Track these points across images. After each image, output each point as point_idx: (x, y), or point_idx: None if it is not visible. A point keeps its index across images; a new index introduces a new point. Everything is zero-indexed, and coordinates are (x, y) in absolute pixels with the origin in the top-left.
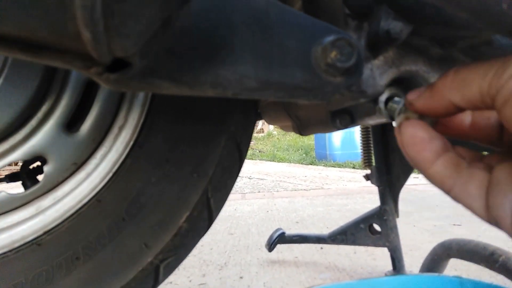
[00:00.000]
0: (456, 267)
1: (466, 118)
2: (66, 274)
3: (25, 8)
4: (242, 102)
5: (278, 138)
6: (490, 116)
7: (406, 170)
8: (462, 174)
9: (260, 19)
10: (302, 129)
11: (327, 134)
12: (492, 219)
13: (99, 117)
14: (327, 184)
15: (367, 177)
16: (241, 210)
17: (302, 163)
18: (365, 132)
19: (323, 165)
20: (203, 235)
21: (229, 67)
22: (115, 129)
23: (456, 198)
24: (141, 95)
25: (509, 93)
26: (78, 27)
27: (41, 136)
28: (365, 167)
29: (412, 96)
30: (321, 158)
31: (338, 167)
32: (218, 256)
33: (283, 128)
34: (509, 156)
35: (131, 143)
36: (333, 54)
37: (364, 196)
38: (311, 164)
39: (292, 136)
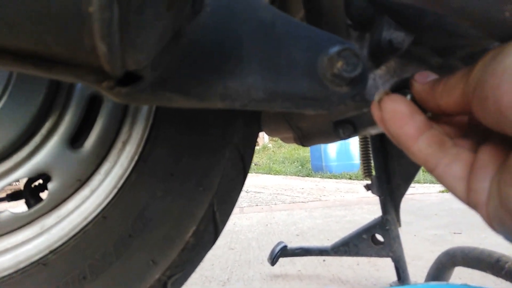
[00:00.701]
0: (459, 275)
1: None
2: None
3: (42, 23)
4: (245, 113)
5: (273, 151)
6: None
7: (407, 178)
8: (446, 153)
9: (267, 31)
10: (304, 140)
11: (322, 146)
12: (472, 203)
13: (103, 132)
14: (324, 195)
15: (367, 187)
16: (240, 224)
17: (298, 175)
18: (364, 142)
19: (320, 177)
20: (209, 249)
21: (238, 79)
22: (119, 144)
23: (439, 178)
24: (144, 110)
25: (474, 84)
26: (94, 40)
27: (45, 153)
28: (365, 177)
29: (420, 78)
30: (317, 169)
31: (335, 178)
32: (220, 272)
33: (283, 139)
34: (494, 134)
35: (136, 157)
36: (339, 64)
37: (363, 207)
38: (307, 176)
39: (287, 149)
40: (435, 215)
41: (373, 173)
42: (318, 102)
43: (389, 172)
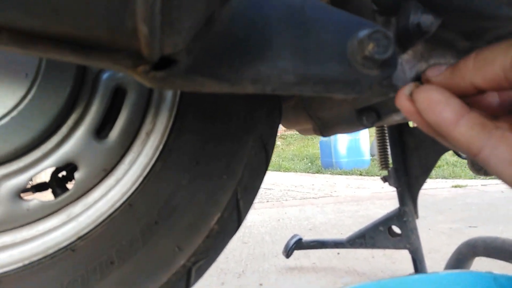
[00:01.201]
0: (477, 267)
1: (493, 99)
2: (100, 278)
3: (86, 5)
4: (268, 103)
5: (282, 148)
6: None
7: (425, 170)
8: (491, 135)
9: (296, 15)
10: (324, 130)
11: (332, 142)
12: None
13: (127, 123)
14: (335, 191)
15: (384, 179)
16: (252, 219)
17: (308, 172)
18: (380, 133)
19: (330, 173)
20: (232, 236)
21: (268, 63)
22: (142, 135)
23: (484, 162)
24: (168, 100)
25: None
26: (136, 23)
27: (72, 143)
28: (382, 169)
29: (432, 72)
30: (327, 166)
31: (345, 174)
32: (235, 265)
33: (301, 131)
34: None
35: (161, 147)
36: (370, 46)
37: (375, 202)
38: (317, 173)
39: (296, 146)
40: (449, 209)
41: (390, 165)
42: (348, 85)
43: (406, 163)
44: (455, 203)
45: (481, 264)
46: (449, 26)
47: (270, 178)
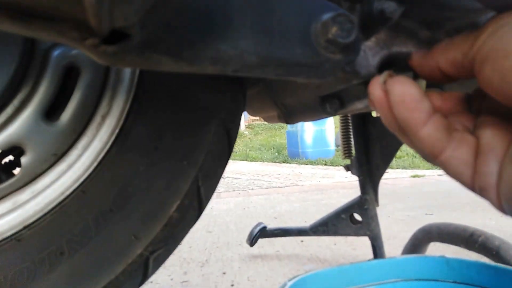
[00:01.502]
0: (432, 253)
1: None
2: (50, 270)
3: None
4: (232, 87)
5: (249, 138)
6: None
7: (386, 159)
8: (453, 137)
9: None
10: (288, 117)
11: (299, 133)
12: (478, 188)
13: (80, 105)
14: (301, 181)
15: (347, 168)
16: (218, 208)
17: (275, 162)
18: (344, 123)
19: (296, 163)
20: (192, 225)
21: (229, 42)
22: (98, 118)
23: (444, 164)
24: (125, 82)
25: (486, 51)
26: None
27: (18, 125)
28: (345, 158)
29: (415, 54)
30: (293, 156)
31: (311, 164)
32: (198, 254)
33: (266, 119)
34: (498, 119)
35: (117, 131)
36: (334, 29)
37: (338, 191)
38: (284, 163)
39: (264, 136)
40: (407, 198)
41: (353, 154)
42: (311, 69)
43: (369, 152)
44: (413, 192)
45: (436, 249)
46: (411, 15)
47: (237, 168)
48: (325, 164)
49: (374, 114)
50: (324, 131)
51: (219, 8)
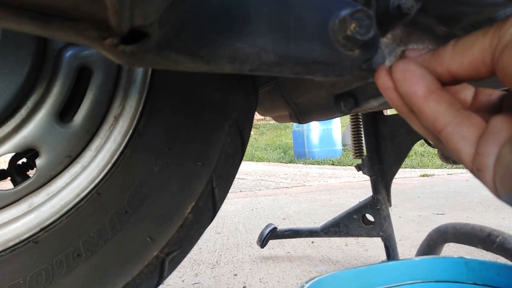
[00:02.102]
0: (446, 253)
1: (468, 94)
2: (67, 272)
3: None
4: (244, 87)
5: (255, 138)
6: (492, 93)
7: (398, 158)
8: (458, 113)
9: None
10: (301, 116)
11: (305, 132)
12: (476, 168)
13: (93, 106)
14: (308, 181)
15: (358, 168)
16: (225, 209)
17: (281, 162)
18: (355, 122)
19: (303, 163)
20: (207, 226)
21: (247, 40)
22: (110, 119)
23: (446, 138)
24: (138, 82)
25: (509, 37)
26: None
27: (32, 127)
28: (356, 158)
29: (411, 53)
30: (300, 156)
31: (317, 164)
32: (209, 255)
33: (277, 118)
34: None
35: (130, 132)
36: (352, 26)
37: (347, 191)
38: (290, 163)
39: (269, 136)
40: (417, 197)
41: (364, 153)
42: (329, 66)
43: (380, 152)
44: (423, 191)
45: (449, 250)
46: (428, 10)
47: (243, 168)
48: (332, 164)
49: (385, 112)
50: (330, 130)
51: (236, 6)
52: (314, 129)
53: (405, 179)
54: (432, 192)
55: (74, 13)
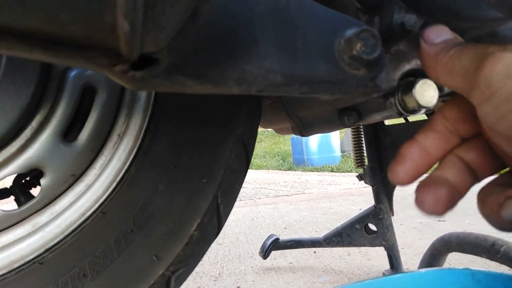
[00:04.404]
0: (449, 262)
1: None
2: None
3: None
4: (247, 103)
5: None
6: None
7: None
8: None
9: (281, 12)
10: (303, 129)
11: (303, 139)
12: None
13: (97, 125)
14: (308, 188)
15: (360, 177)
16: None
17: (280, 169)
18: (356, 132)
19: (302, 170)
20: (212, 242)
21: (254, 62)
22: (114, 137)
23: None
24: (142, 100)
25: (480, 93)
26: (115, 17)
27: (37, 147)
28: (357, 167)
29: (429, 35)
30: (299, 163)
31: (317, 171)
32: (211, 267)
33: (278, 130)
34: None
35: (135, 150)
36: (358, 46)
37: (347, 198)
38: (289, 170)
39: (268, 143)
40: None
41: (366, 163)
42: (335, 86)
43: (381, 161)
44: None
45: (452, 258)
46: None
47: None
48: (331, 171)
49: (386, 122)
50: (329, 137)
51: (243, 28)
52: (313, 136)
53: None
54: None
55: (85, 43)
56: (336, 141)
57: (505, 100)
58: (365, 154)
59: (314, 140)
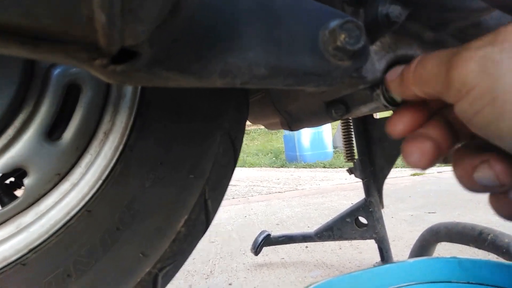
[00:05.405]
0: (438, 253)
1: None
2: None
3: None
4: (235, 97)
5: (246, 144)
6: None
7: (389, 160)
8: None
9: (265, 4)
10: (292, 124)
11: (296, 136)
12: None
13: (82, 123)
14: (300, 184)
15: (350, 171)
16: (218, 217)
17: (273, 167)
18: (346, 126)
19: (294, 167)
20: (200, 238)
21: (238, 54)
22: (100, 135)
23: None
24: (127, 97)
25: (457, 92)
26: (92, 10)
27: (20, 146)
28: (347, 161)
29: (390, 76)
30: (291, 160)
31: (309, 167)
32: (202, 265)
33: (268, 126)
34: None
35: (121, 147)
36: (342, 37)
37: (339, 193)
38: (282, 167)
39: (261, 141)
40: (409, 197)
41: (356, 157)
42: (320, 77)
43: (372, 155)
44: (414, 191)
45: (441, 248)
46: (416, 17)
47: (235, 174)
48: (324, 167)
49: (375, 116)
50: (321, 133)
51: (226, 20)
52: (305, 132)
53: (396, 179)
54: (423, 191)
55: (63, 37)
56: (328, 137)
57: (481, 96)
58: (355, 148)
59: (306, 137)
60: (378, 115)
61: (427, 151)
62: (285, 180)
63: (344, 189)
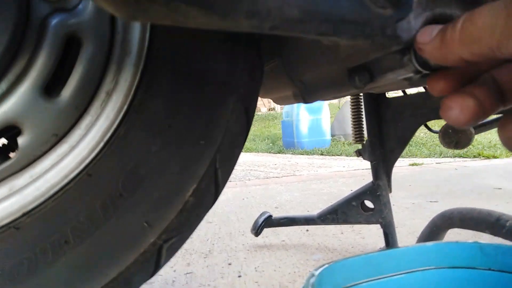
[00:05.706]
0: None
1: None
2: (52, 261)
3: None
4: (250, 59)
5: None
6: None
7: (401, 142)
8: None
9: None
10: (307, 95)
11: (294, 122)
12: None
13: (82, 80)
14: (298, 170)
15: (358, 153)
16: None
17: (270, 152)
18: (355, 104)
19: (292, 153)
20: (208, 211)
21: None
22: (102, 94)
23: None
24: (133, 53)
25: None
26: None
27: (13, 102)
28: (356, 143)
29: (422, 38)
30: (288, 146)
31: (307, 154)
32: (201, 245)
33: (277, 100)
34: None
35: (125, 108)
36: None
37: (337, 180)
38: (279, 153)
39: (258, 127)
40: (409, 186)
41: (365, 138)
42: (358, 26)
43: (382, 136)
44: (414, 180)
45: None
46: None
47: None
48: (321, 154)
49: (388, 95)
50: (320, 120)
51: None
52: (303, 119)
53: (394, 168)
54: (422, 180)
55: None
56: (326, 124)
57: None
58: (364, 129)
59: (304, 124)
60: (391, 94)
61: (467, 108)
62: (282, 165)
63: (343, 176)
